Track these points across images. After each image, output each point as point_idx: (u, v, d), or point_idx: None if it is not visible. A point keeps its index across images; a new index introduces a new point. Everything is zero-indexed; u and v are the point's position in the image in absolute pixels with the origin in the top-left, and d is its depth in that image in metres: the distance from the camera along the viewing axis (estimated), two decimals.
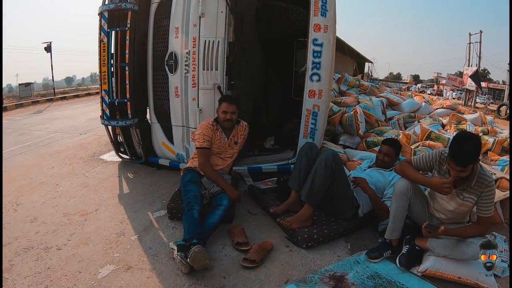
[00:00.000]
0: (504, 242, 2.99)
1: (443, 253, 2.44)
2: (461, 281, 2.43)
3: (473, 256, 2.33)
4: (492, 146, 5.91)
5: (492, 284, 2.42)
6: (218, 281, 2.21)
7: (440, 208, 2.51)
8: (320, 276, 2.34)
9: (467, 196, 2.32)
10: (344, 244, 2.74)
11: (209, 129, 2.92)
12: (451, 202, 2.41)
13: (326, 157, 2.66)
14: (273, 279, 2.28)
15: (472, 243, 2.32)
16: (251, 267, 2.34)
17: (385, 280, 2.38)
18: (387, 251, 2.57)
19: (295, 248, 2.60)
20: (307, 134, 3.44)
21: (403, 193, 2.45)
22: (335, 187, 2.71)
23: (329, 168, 2.62)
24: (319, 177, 2.63)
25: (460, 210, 2.41)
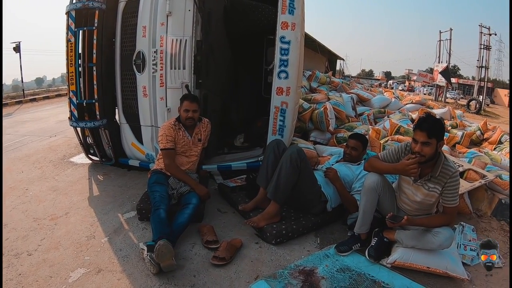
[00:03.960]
0: (472, 232, 3.09)
1: (410, 244, 2.50)
2: (430, 271, 2.50)
3: (440, 245, 2.39)
4: (461, 139, 6.12)
5: (461, 273, 2.50)
6: (189, 280, 2.21)
7: (407, 199, 2.56)
8: (289, 271, 2.36)
9: (432, 186, 2.38)
10: (313, 239, 2.78)
11: (171, 129, 2.91)
12: (417, 193, 2.47)
13: (291, 153, 2.69)
14: (243, 275, 2.30)
15: (438, 232, 2.38)
16: (221, 265, 2.35)
17: (354, 273, 2.43)
18: (356, 244, 2.62)
19: (264, 245, 2.62)
20: (275, 131, 3.46)
21: (373, 188, 2.50)
22: (301, 183, 2.74)
23: (294, 164, 2.65)
24: (285, 174, 2.66)
25: (426, 201, 2.47)
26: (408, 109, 7.88)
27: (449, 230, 2.42)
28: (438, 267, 2.48)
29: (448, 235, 2.38)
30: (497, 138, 6.41)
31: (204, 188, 2.92)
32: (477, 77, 26.53)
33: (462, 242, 2.96)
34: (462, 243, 2.94)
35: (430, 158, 2.28)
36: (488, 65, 26.08)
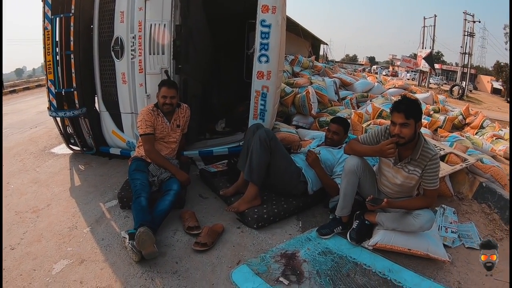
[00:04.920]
0: (453, 214, 3.14)
1: (391, 226, 2.52)
2: (412, 252, 2.53)
3: (421, 227, 2.42)
4: (443, 124, 6.20)
5: (442, 255, 2.53)
6: (171, 266, 2.21)
7: (387, 182, 2.58)
8: (271, 255, 2.38)
9: (412, 169, 2.40)
10: (295, 222, 2.80)
11: (150, 114, 2.88)
12: (397, 176, 2.48)
13: (259, 134, 2.70)
14: (225, 261, 2.31)
15: (419, 215, 2.41)
16: (203, 251, 2.35)
17: (336, 256, 2.46)
18: (338, 227, 2.64)
19: (246, 229, 2.63)
20: (256, 116, 3.44)
21: (353, 171, 2.50)
22: (275, 162, 2.75)
23: (263, 144, 2.66)
24: (256, 154, 2.66)
25: (406, 184, 2.49)
26: (390, 93, 7.92)
27: (430, 212, 2.44)
28: (419, 249, 2.52)
29: (429, 218, 2.40)
30: (479, 123, 6.53)
31: (184, 173, 2.91)
32: (460, 63, 26.99)
33: (443, 224, 3.00)
34: (443, 226, 2.98)
35: (409, 139, 2.29)
36: (472, 51, 26.61)
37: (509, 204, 2.26)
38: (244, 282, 2.14)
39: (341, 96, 6.92)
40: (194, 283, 2.11)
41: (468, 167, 3.72)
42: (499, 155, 5.00)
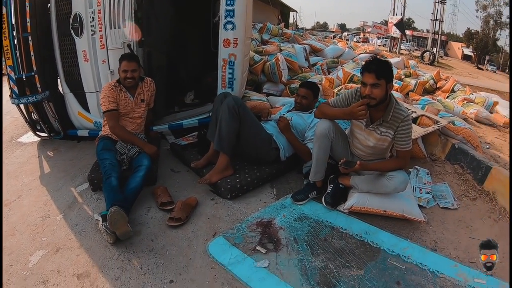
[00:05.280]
0: (427, 175, 3.19)
1: (366, 188, 2.52)
2: (387, 214, 2.55)
3: (395, 189, 2.43)
4: (414, 88, 6.30)
5: (417, 215, 2.56)
6: (147, 244, 2.18)
7: (360, 145, 2.56)
8: (247, 225, 2.36)
9: (384, 130, 2.37)
10: (269, 190, 2.78)
11: (112, 90, 2.77)
12: (370, 138, 2.46)
13: (227, 102, 2.62)
14: (201, 234, 2.28)
15: (392, 176, 2.40)
16: (178, 226, 2.31)
17: (312, 221, 2.45)
18: (312, 192, 2.63)
19: (220, 200, 2.60)
20: (225, 85, 3.36)
21: (325, 135, 2.47)
22: (245, 130, 2.70)
23: (232, 112, 2.59)
24: (224, 122, 2.60)
25: (379, 146, 2.47)
26: (361, 58, 7.85)
27: (403, 173, 2.44)
28: (395, 210, 2.53)
29: (403, 179, 2.41)
30: (450, 87, 6.65)
31: (152, 146, 2.82)
32: (431, 30, 27.00)
33: (418, 185, 3.04)
34: (418, 186, 3.02)
35: (380, 100, 2.25)
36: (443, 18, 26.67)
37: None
38: (221, 254, 2.13)
39: (312, 62, 6.83)
40: (171, 259, 2.08)
41: (440, 129, 3.77)
42: (470, 118, 5.16)
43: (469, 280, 2.27)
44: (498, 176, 3.18)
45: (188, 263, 2.06)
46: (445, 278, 2.25)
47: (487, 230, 2.80)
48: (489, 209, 3.03)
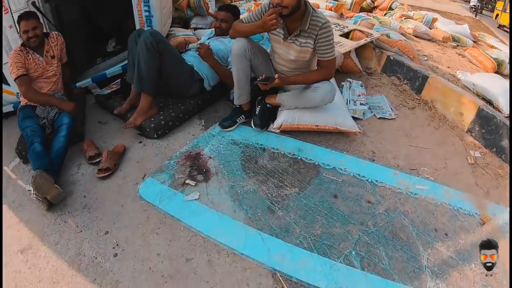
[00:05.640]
0: (360, 87, 3.10)
1: (293, 104, 2.43)
2: (320, 128, 2.47)
3: (322, 100, 2.33)
4: (350, 7, 6.26)
5: (351, 127, 2.50)
6: (80, 202, 2.11)
7: (281, 60, 2.43)
8: (176, 160, 2.30)
9: (304, 41, 2.24)
10: (197, 122, 2.69)
11: (19, 55, 2.55)
12: (290, 51, 2.32)
13: (144, 38, 2.40)
14: (131, 179, 2.21)
15: (318, 87, 2.30)
16: (107, 176, 2.24)
17: (242, 145, 2.38)
18: (240, 116, 2.54)
19: (148, 141, 2.49)
20: (143, 23, 3.10)
21: (241, 54, 2.33)
22: (166, 66, 2.51)
23: (150, 49, 2.39)
24: (143, 61, 2.40)
25: (300, 58, 2.34)
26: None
27: (329, 83, 2.34)
28: (327, 123, 2.46)
29: (328, 89, 2.31)
30: (388, 5, 6.43)
31: (69, 103, 2.65)
32: None
33: (351, 98, 2.96)
34: (352, 99, 2.94)
35: (293, 9, 2.09)
36: None
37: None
38: (152, 194, 2.07)
39: None
40: (104, 210, 2.03)
41: (374, 42, 3.70)
42: (408, 33, 5.02)
43: (410, 187, 2.28)
44: (435, 85, 3.14)
45: (121, 211, 2.01)
46: (385, 187, 2.24)
47: (427, 138, 2.80)
48: (428, 117, 3.01)
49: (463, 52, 4.55)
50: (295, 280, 1.66)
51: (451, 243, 1.98)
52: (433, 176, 2.38)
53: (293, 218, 1.94)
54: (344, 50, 3.19)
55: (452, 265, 1.86)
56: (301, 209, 1.99)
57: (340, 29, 3.70)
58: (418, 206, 2.14)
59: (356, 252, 1.81)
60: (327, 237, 1.85)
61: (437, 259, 1.87)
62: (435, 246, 1.93)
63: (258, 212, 1.95)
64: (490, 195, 2.36)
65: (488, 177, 2.49)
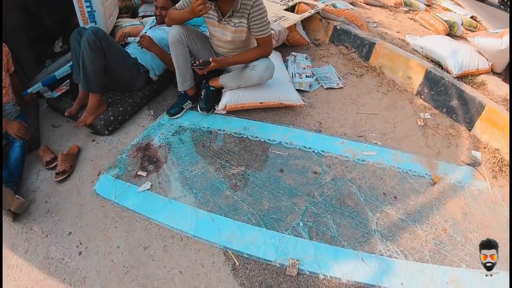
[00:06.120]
0: (305, 60, 3.12)
1: (235, 84, 2.47)
2: (265, 105, 2.51)
3: (260, 78, 2.36)
4: None
5: (295, 100, 2.54)
6: (42, 208, 2.14)
7: (219, 42, 2.45)
8: (127, 154, 2.34)
9: (237, 21, 2.26)
10: (147, 113, 2.70)
11: None
12: (226, 32, 2.35)
13: (87, 37, 2.38)
14: (87, 178, 2.24)
15: (255, 66, 2.33)
16: (65, 178, 2.26)
17: (190, 131, 2.43)
18: (186, 102, 2.57)
19: (101, 139, 2.52)
20: (86, 20, 3.01)
21: (177, 40, 2.35)
22: (112, 63, 2.50)
23: (94, 48, 2.37)
24: (88, 61, 2.39)
25: (237, 38, 2.36)
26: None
27: (266, 60, 2.36)
28: (271, 99, 2.49)
29: (265, 66, 2.34)
30: None
31: (13, 123, 2.58)
32: None
33: (296, 71, 2.97)
34: (297, 72, 2.96)
35: None
36: None
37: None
38: (107, 190, 2.12)
39: None
40: (65, 213, 2.07)
41: (321, 13, 3.70)
42: (359, 1, 4.96)
43: (358, 154, 2.34)
44: (382, 51, 3.17)
45: (81, 210, 2.06)
46: (332, 156, 2.30)
47: (376, 104, 2.84)
48: (377, 83, 3.05)
49: (415, 17, 4.57)
50: (246, 255, 1.76)
51: (401, 205, 2.06)
52: (381, 141, 2.45)
53: (241, 196, 2.02)
54: (288, 24, 3.20)
55: (403, 227, 1.95)
56: (248, 186, 2.07)
57: (285, 3, 3.69)
58: (365, 172, 2.21)
59: (304, 223, 1.89)
60: (275, 211, 1.94)
61: (386, 222, 1.96)
62: (384, 210, 2.01)
63: (207, 194, 2.03)
64: (441, 154, 2.44)
65: (438, 137, 2.56)
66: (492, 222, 2.04)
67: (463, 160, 2.41)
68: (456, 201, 2.14)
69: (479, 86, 2.80)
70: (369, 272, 1.72)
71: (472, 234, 1.96)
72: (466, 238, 1.93)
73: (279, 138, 2.36)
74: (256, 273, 1.71)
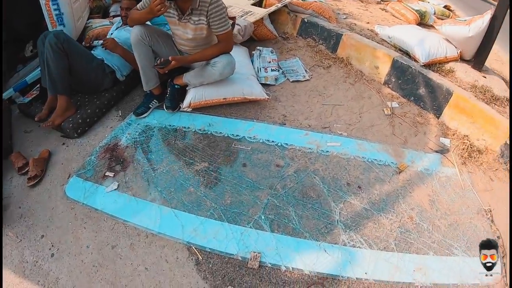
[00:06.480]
0: (271, 53, 3.15)
1: (198, 81, 2.50)
2: (229, 101, 2.55)
3: (221, 74, 2.40)
4: None
5: (259, 95, 2.57)
6: (16, 213, 2.17)
7: (181, 40, 2.48)
8: (96, 155, 2.38)
9: (197, 19, 2.29)
10: (115, 113, 2.73)
11: None
12: (187, 30, 2.38)
13: (49, 40, 2.41)
14: (58, 181, 2.28)
15: (216, 62, 2.37)
16: (36, 183, 2.29)
17: (156, 130, 2.47)
18: (152, 102, 2.61)
19: (70, 142, 2.55)
20: (54, 23, 3.03)
21: (139, 41, 2.38)
22: (76, 65, 2.53)
23: (56, 50, 2.40)
24: (52, 64, 2.42)
25: (198, 36, 2.39)
26: None
27: (227, 56, 2.40)
28: (234, 95, 2.53)
29: (226, 62, 2.37)
30: None
31: None
32: None
33: (262, 65, 3.00)
34: (262, 67, 2.99)
35: None
36: None
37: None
38: (77, 192, 2.16)
39: None
40: (37, 217, 2.11)
41: (288, 6, 3.73)
42: None
43: (322, 146, 2.37)
44: (349, 42, 3.20)
45: (52, 213, 2.10)
46: (295, 149, 2.33)
47: (342, 94, 2.87)
48: (344, 74, 3.08)
49: (386, 7, 4.59)
50: (209, 250, 1.82)
51: (365, 195, 2.10)
52: (346, 132, 2.49)
53: (204, 192, 2.07)
54: (254, 19, 3.22)
55: (367, 216, 1.99)
56: (211, 182, 2.12)
57: None
58: (329, 163, 2.25)
59: (265, 216, 1.95)
60: (237, 206, 1.99)
61: (350, 213, 2.00)
62: (348, 200, 2.06)
63: (171, 191, 2.08)
64: (408, 143, 2.48)
65: (406, 126, 2.60)
66: (461, 208, 2.08)
67: (431, 148, 2.45)
68: (423, 189, 2.17)
69: (447, 74, 2.83)
70: (332, 262, 1.76)
71: (440, 221, 2.00)
72: (434, 225, 1.97)
73: (243, 133, 2.40)
74: (219, 267, 1.77)
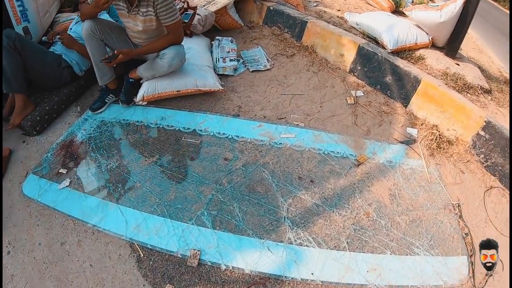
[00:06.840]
0: (231, 43, 3.09)
1: (149, 74, 2.49)
2: (182, 93, 2.52)
3: (170, 66, 2.38)
4: None
5: (213, 86, 2.54)
6: None
7: (133, 32, 2.47)
8: (52, 152, 2.39)
9: (145, 10, 2.27)
10: (74, 109, 2.73)
11: None
12: (137, 22, 2.36)
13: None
14: (16, 180, 2.30)
15: (164, 54, 2.36)
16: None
17: (110, 125, 2.47)
18: (108, 96, 2.60)
19: (30, 140, 2.56)
20: (19, 19, 2.99)
21: (90, 35, 2.36)
22: (30, 61, 2.52)
23: (8, 49, 2.40)
24: (5, 62, 2.41)
25: (148, 28, 2.38)
26: None
27: (175, 47, 2.38)
28: (188, 87, 2.50)
29: (174, 53, 2.36)
30: None
31: None
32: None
33: (220, 55, 2.95)
34: (220, 57, 2.94)
35: None
36: None
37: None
38: (32, 190, 2.18)
39: None
40: None
41: None
42: None
43: (275, 138, 2.32)
44: (314, 29, 3.13)
45: (10, 212, 2.13)
46: (245, 141, 2.30)
47: (303, 83, 2.80)
48: (307, 62, 3.01)
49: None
50: (150, 247, 1.83)
51: (318, 189, 2.04)
52: (304, 122, 2.43)
53: (149, 187, 2.08)
54: (215, 8, 3.16)
55: (317, 212, 1.93)
56: (157, 177, 2.13)
57: None
58: (281, 156, 2.21)
59: (208, 212, 1.94)
60: (180, 201, 1.99)
61: (299, 209, 1.94)
62: (298, 195, 2.00)
63: (118, 187, 2.09)
64: (371, 133, 2.39)
65: (370, 115, 2.52)
66: (426, 203, 2.01)
67: (396, 138, 2.37)
68: (383, 182, 2.09)
69: (417, 61, 2.75)
70: (276, 262, 1.73)
71: (401, 217, 1.92)
72: (393, 222, 1.90)
73: (194, 125, 2.39)
74: (159, 264, 1.78)
